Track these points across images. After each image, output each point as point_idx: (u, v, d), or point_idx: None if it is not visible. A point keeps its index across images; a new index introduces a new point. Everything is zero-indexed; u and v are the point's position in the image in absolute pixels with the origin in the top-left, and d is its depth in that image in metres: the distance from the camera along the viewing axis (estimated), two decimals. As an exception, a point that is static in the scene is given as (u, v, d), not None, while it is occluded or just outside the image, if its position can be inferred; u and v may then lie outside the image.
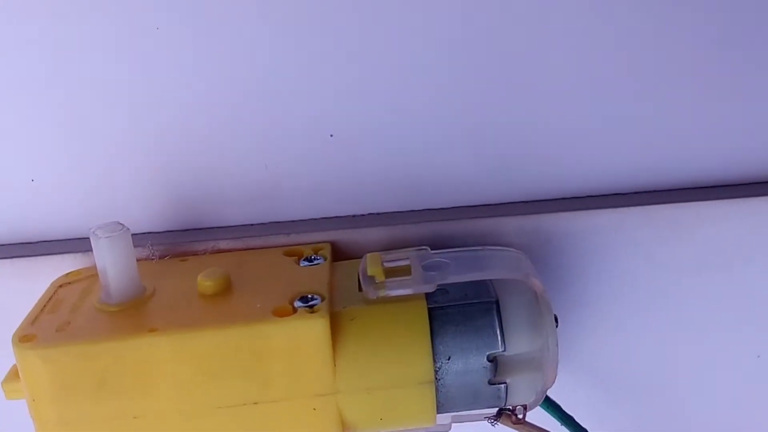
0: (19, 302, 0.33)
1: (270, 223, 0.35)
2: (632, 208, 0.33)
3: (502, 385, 0.28)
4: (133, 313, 0.28)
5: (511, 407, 0.30)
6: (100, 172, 0.34)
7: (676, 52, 0.32)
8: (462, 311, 0.28)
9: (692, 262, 0.34)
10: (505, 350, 0.28)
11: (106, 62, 0.32)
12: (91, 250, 0.33)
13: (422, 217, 0.34)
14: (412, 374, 0.28)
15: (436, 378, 0.28)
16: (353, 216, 0.35)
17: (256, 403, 0.27)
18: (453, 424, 0.31)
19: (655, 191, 0.34)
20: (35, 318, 0.28)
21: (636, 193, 0.34)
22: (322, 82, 0.33)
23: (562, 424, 0.32)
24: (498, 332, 0.28)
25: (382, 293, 0.28)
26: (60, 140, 0.33)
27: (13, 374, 0.30)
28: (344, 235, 0.34)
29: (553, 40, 0.32)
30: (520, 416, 0.30)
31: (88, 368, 0.26)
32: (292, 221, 0.35)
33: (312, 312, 0.27)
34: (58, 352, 0.26)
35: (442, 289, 0.29)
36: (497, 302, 0.28)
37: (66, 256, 0.34)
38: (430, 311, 0.28)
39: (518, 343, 0.28)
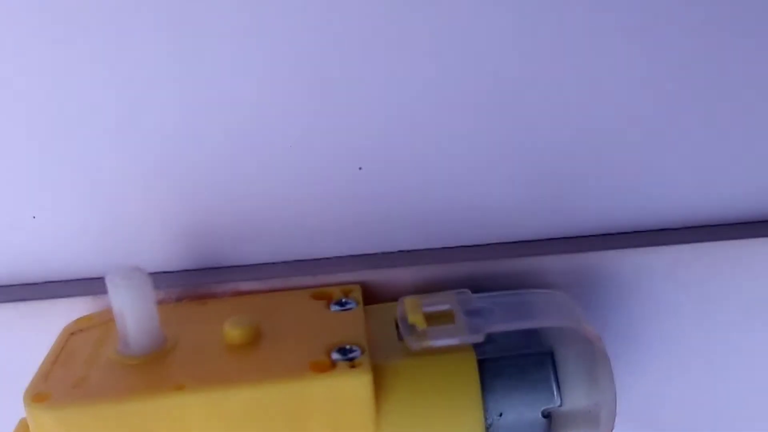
0: (25, 349, 0.30)
1: (294, 261, 0.33)
2: (684, 246, 0.31)
3: (556, 441, 0.26)
4: (156, 366, 0.26)
5: (562, 463, 0.28)
6: (108, 207, 0.31)
7: (743, 81, 0.30)
8: (515, 363, 0.26)
9: (747, 300, 0.33)
10: (561, 405, 0.26)
11: (113, 92, 0.29)
12: (101, 292, 0.31)
13: (457, 255, 0.32)
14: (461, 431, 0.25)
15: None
16: (383, 253, 0.33)
17: (291, 463, 0.25)
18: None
19: (707, 226, 0.32)
20: (48, 373, 0.26)
21: (687, 228, 0.32)
22: (350, 111, 0.31)
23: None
24: (554, 386, 0.26)
25: (426, 344, 0.26)
26: (64, 174, 0.31)
27: (22, 429, 0.27)
28: (374, 275, 0.32)
29: (602, 65, 0.30)
30: (572, 473, 0.28)
31: (109, 429, 0.24)
32: (317, 259, 0.33)
33: (353, 366, 0.25)
34: (77, 413, 0.24)
35: (489, 338, 0.27)
36: (552, 353, 0.26)
37: (75, 299, 0.31)
38: (480, 363, 0.26)
39: (575, 397, 0.26)
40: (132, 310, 0.26)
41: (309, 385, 0.24)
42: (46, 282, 0.32)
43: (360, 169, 0.32)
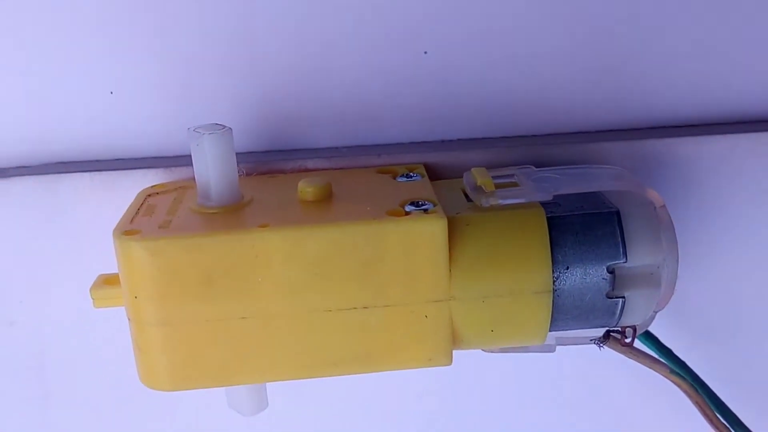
0: (99, 217, 0.32)
1: (358, 146, 0.34)
2: (741, 135, 0.32)
3: (620, 300, 0.27)
4: (236, 214, 0.27)
5: (620, 329, 0.29)
6: (182, 86, 0.32)
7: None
8: (582, 221, 0.27)
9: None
10: (626, 261, 0.27)
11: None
12: (174, 166, 0.32)
13: (517, 143, 0.33)
14: (529, 283, 0.26)
15: (553, 288, 0.27)
16: (442, 141, 0.34)
17: (366, 308, 0.26)
18: (557, 347, 0.30)
19: (763, 120, 0.33)
20: (132, 218, 0.27)
21: (744, 122, 0.33)
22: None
23: (660, 357, 0.31)
24: (620, 242, 0.27)
25: (495, 202, 0.27)
26: (141, 51, 0.32)
27: (101, 282, 0.29)
28: (436, 157, 0.33)
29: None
30: (629, 339, 0.29)
31: (196, 263, 0.25)
32: (381, 145, 0.34)
33: (427, 213, 0.26)
34: (166, 245, 0.25)
35: (555, 203, 0.28)
36: (618, 212, 0.27)
37: (148, 171, 0.32)
38: (549, 220, 0.27)
39: (639, 255, 0.27)
40: (214, 160, 0.27)
41: (385, 228, 0.25)
42: (120, 159, 0.33)
43: (425, 53, 0.32)
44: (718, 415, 0.30)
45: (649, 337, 0.31)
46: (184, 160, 0.32)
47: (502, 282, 0.26)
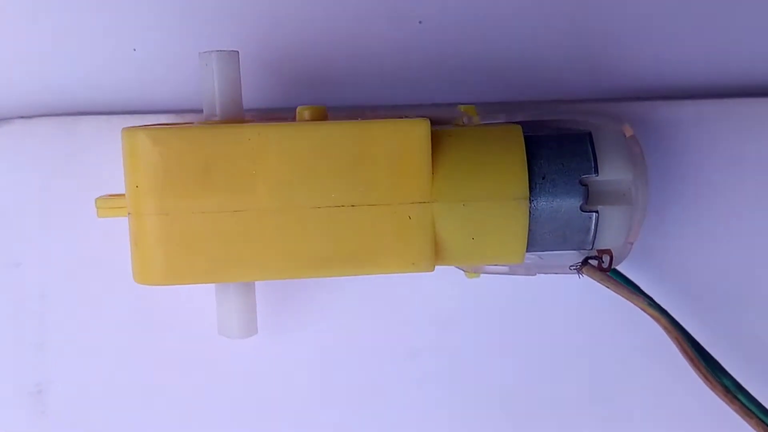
0: (117, 157, 0.34)
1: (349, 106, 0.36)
2: (712, 101, 0.34)
3: (594, 214, 0.29)
4: (237, 122, 0.29)
5: (596, 254, 0.30)
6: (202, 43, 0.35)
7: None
8: (557, 139, 0.29)
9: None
10: (597, 175, 0.28)
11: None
12: (188, 112, 0.35)
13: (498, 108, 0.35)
14: (507, 188, 0.28)
15: (530, 198, 0.28)
16: (433, 104, 0.36)
17: (353, 206, 0.28)
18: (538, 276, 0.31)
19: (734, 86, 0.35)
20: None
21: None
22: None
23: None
24: (592, 157, 0.29)
25: (477, 121, 0.29)
26: (164, 10, 0.35)
27: (107, 195, 0.30)
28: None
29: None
30: (605, 265, 0.30)
31: (195, 153, 0.27)
32: (372, 105, 0.36)
33: (411, 118, 0.28)
34: (169, 135, 0.27)
35: (533, 128, 0.30)
36: (590, 133, 0.29)
37: (161, 115, 0.34)
38: (526, 138, 0.29)
39: (610, 170, 0.29)
40: (220, 75, 0.29)
41: (372, 127, 0.28)
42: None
43: (420, 23, 0.36)
44: (696, 353, 0.31)
45: (617, 274, 0.32)
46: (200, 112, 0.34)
47: (482, 187, 0.28)
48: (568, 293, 0.35)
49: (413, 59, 0.36)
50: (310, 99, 0.36)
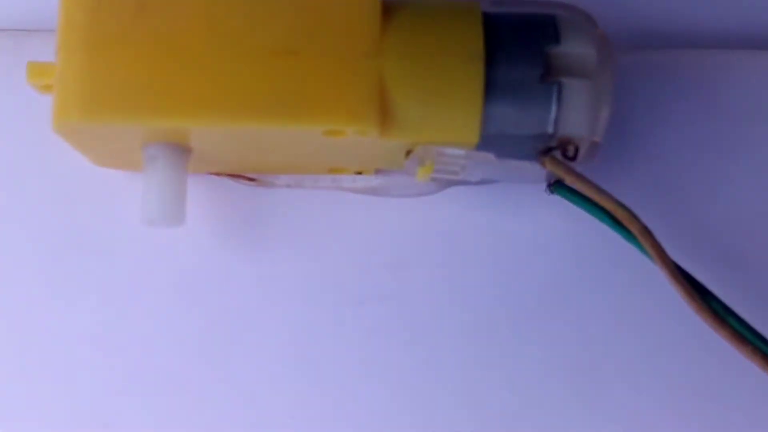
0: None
1: None
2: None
3: (555, 85, 0.27)
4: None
5: (558, 145, 0.28)
6: None
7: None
8: (519, 19, 0.28)
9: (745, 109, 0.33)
10: (559, 44, 0.27)
11: None
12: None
13: None
14: (462, 46, 0.26)
15: (486, 59, 0.26)
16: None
17: (297, 53, 0.26)
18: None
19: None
20: None
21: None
22: None
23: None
24: (553, 25, 0.27)
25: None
26: None
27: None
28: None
29: None
30: (570, 154, 0.28)
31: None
32: None
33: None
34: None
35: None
36: (555, 15, 0.28)
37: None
38: (484, 15, 0.27)
39: (573, 42, 0.27)
40: None
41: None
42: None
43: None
44: (668, 255, 0.27)
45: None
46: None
47: (434, 43, 0.26)
48: (534, 225, 0.32)
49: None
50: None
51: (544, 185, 0.30)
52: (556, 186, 0.30)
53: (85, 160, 0.31)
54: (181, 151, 0.28)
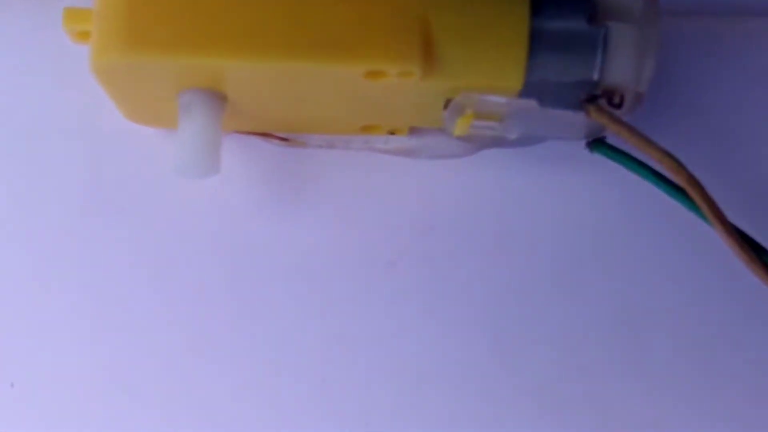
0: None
1: None
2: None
3: (602, 29, 0.26)
4: None
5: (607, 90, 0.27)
6: None
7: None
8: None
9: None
10: (604, -13, 0.26)
11: None
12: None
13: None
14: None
15: (531, 1, 0.26)
16: None
17: (337, -7, 0.25)
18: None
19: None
20: None
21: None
22: None
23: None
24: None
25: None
26: None
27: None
28: None
29: None
30: (617, 101, 0.27)
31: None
32: None
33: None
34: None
35: None
36: None
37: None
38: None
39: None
40: None
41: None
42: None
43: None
44: (719, 206, 0.27)
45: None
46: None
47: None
48: (571, 190, 0.32)
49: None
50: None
51: (582, 144, 0.30)
52: (596, 144, 0.29)
53: (119, 116, 0.30)
54: (216, 98, 0.27)
